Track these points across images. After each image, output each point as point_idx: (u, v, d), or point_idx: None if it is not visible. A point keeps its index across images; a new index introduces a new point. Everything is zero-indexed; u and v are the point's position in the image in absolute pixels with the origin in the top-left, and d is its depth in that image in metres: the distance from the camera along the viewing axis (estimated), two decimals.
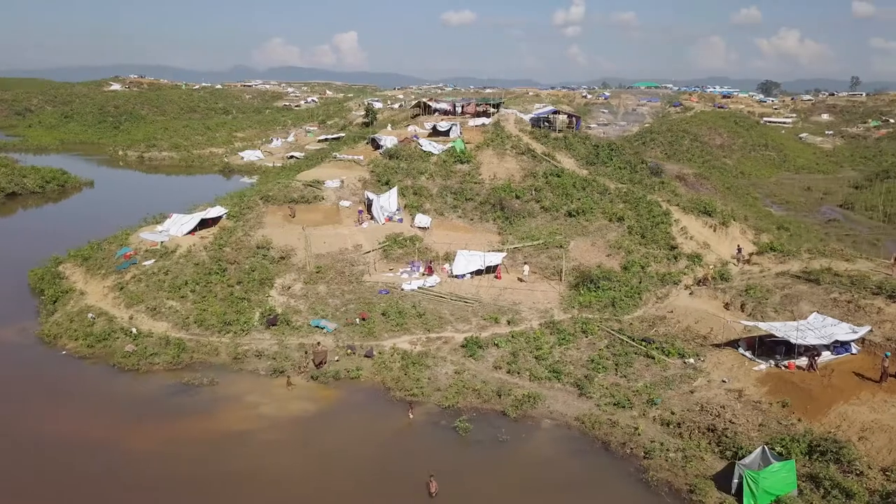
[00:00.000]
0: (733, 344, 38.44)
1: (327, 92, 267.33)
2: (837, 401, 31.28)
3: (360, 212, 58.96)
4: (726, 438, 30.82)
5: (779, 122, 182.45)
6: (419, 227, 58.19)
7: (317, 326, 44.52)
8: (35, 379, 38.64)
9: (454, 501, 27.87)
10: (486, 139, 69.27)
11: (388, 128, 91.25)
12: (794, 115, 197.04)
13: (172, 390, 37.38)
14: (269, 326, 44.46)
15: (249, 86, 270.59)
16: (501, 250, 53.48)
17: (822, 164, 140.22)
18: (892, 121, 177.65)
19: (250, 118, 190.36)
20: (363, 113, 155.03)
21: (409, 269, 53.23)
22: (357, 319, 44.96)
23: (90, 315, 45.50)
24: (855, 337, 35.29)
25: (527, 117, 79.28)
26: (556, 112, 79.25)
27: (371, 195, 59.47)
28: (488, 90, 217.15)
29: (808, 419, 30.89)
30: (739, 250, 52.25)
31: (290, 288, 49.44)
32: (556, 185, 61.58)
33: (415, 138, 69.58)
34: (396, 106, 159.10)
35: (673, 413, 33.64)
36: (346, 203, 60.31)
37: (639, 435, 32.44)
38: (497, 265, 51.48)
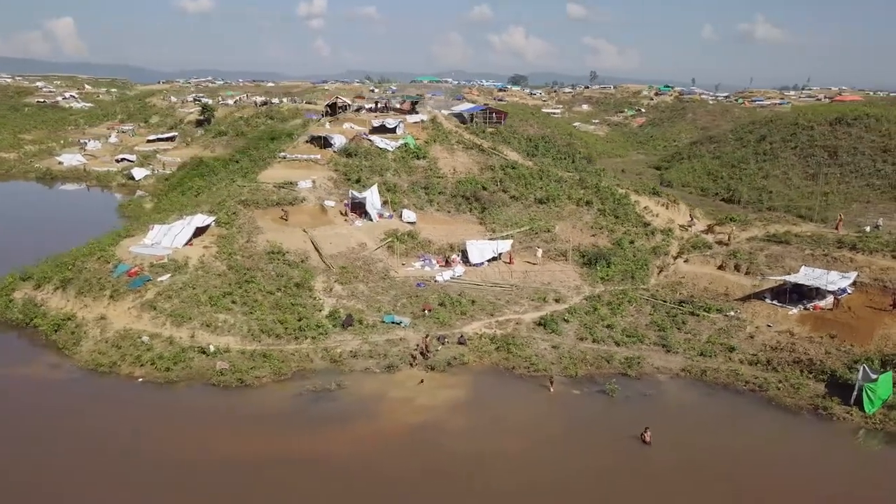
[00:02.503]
0: (759, 296, 47.33)
1: (86, 87, 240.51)
2: (874, 327, 41.17)
3: (348, 210, 59.27)
4: (813, 366, 39.12)
5: (552, 113, 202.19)
6: (407, 222, 60.14)
7: (392, 322, 45.54)
8: (149, 409, 35.47)
9: (663, 445, 32.40)
10: (431, 135, 72.46)
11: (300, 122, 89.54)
12: (561, 106, 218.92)
13: (308, 399, 36.74)
14: (345, 327, 44.51)
15: None
16: (507, 237, 57.76)
17: (612, 149, 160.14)
18: (643, 110, 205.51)
19: (34, 118, 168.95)
20: (194, 111, 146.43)
21: (421, 262, 55.34)
22: (425, 312, 46.71)
23: (143, 338, 41.76)
24: (849, 281, 45.83)
25: (446, 112, 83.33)
26: (484, 109, 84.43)
27: (356, 194, 59.99)
28: (270, 84, 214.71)
29: (859, 344, 40.31)
30: (692, 219, 62.45)
31: (332, 289, 49.25)
32: (515, 177, 67.08)
33: (365, 136, 70.41)
34: (231, 102, 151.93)
35: (754, 355, 41.36)
36: (330, 203, 60.12)
37: (741, 374, 39.59)
38: (507, 251, 55.76)
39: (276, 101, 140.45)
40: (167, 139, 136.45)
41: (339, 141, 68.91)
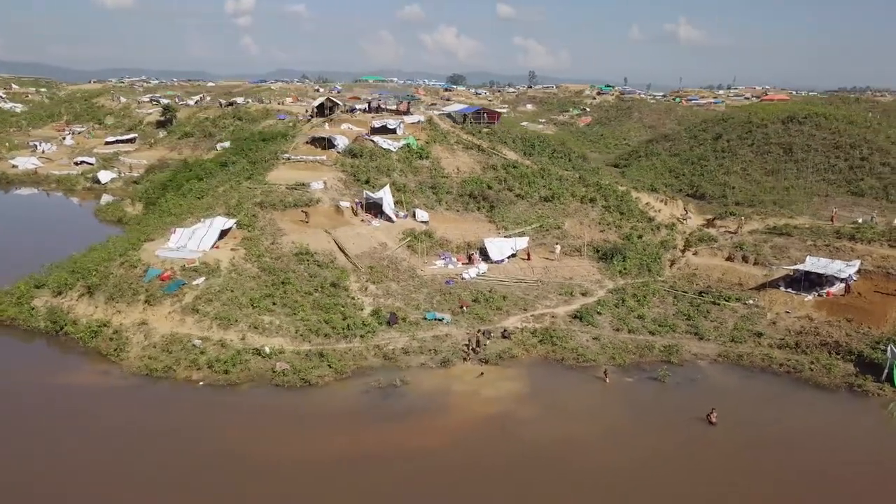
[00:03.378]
0: (772, 285, 50.47)
1: (13, 86, 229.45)
2: (886, 310, 44.70)
3: (358, 209, 59.78)
4: (840, 348, 42.25)
5: (500, 112, 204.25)
6: (421, 222, 61.11)
7: (433, 319, 46.55)
8: (223, 411, 35.65)
9: (727, 424, 34.58)
10: (430, 136, 73.51)
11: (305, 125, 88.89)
12: (506, 105, 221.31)
13: (378, 395, 37.42)
14: (390, 325, 45.28)
15: None
16: (522, 234, 59.43)
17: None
18: (587, 109, 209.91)
19: None
20: (153, 111, 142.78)
21: (442, 260, 56.45)
22: (463, 308, 47.90)
23: (195, 342, 41.57)
24: (855, 268, 49.41)
25: (437, 113, 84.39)
26: (478, 111, 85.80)
27: (371, 194, 60.57)
28: (210, 83, 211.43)
29: (875, 326, 43.72)
30: (686, 212, 65.71)
31: (367, 289, 49.87)
32: (518, 176, 68.88)
33: (367, 137, 70.87)
34: (192, 102, 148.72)
35: (781, 339, 44.28)
36: (345, 204, 60.49)
37: (774, 358, 42.41)
38: (525, 248, 57.47)
39: (240, 101, 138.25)
40: (127, 141, 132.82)
41: (342, 142, 69.17)
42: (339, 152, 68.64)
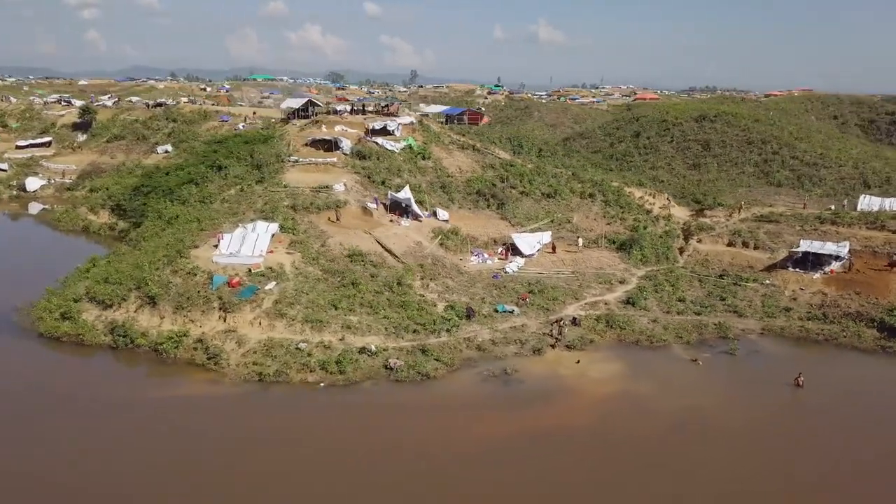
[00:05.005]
0: (781, 265, 56.93)
1: None
2: (887, 283, 52.08)
3: (377, 209, 61.09)
4: (861, 317, 48.95)
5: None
6: (442, 220, 63.20)
7: (504, 311, 49.08)
8: (361, 409, 36.74)
9: (810, 387, 39.76)
10: (425, 137, 75.40)
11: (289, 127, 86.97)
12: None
13: (499, 383, 39.60)
14: (469, 319, 47.35)
15: None
16: (539, 230, 62.96)
17: None
18: (483, 109, 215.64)
19: None
20: (66, 113, 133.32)
21: (476, 256, 58.95)
22: (525, 300, 50.74)
23: (301, 345, 41.84)
24: (846, 249, 56.85)
25: (419, 115, 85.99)
26: (463, 112, 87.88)
27: (395, 195, 61.89)
28: (83, 81, 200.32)
29: (881, 297, 50.91)
30: (669, 200, 72.08)
31: (428, 286, 51.53)
32: (517, 174, 72.39)
33: (369, 138, 71.58)
34: (111, 103, 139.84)
35: (808, 312, 50.54)
36: (372, 205, 61.45)
37: (809, 329, 48.52)
38: (550, 241, 61.10)
39: (170, 102, 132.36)
40: (42, 144, 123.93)
41: (346, 144, 69.60)
42: (345, 154, 69.07)
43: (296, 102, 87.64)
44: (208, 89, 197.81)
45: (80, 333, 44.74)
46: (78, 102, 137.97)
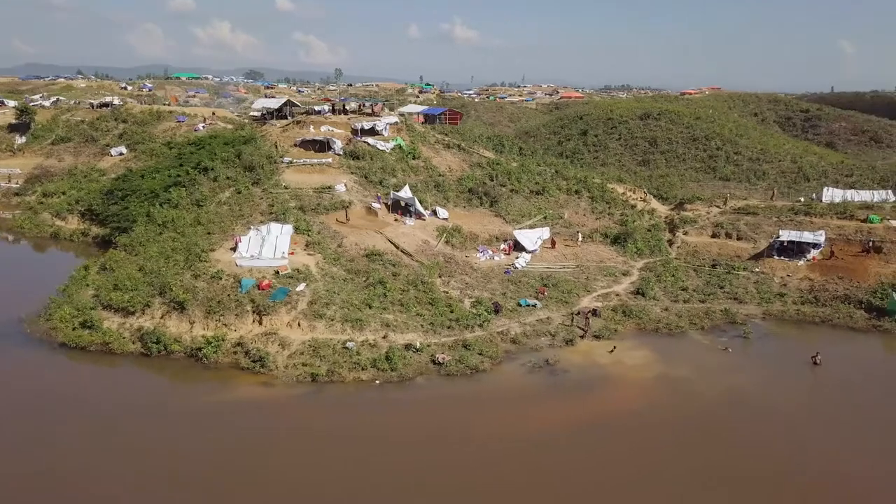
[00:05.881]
0: (767, 253, 60.90)
1: None
2: (865, 268, 56.67)
3: (386, 210, 61.68)
4: (849, 299, 53.18)
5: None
6: (442, 219, 64.30)
7: (527, 305, 50.71)
8: (425, 404, 37.67)
9: (826, 364, 43.17)
10: (411, 137, 76.10)
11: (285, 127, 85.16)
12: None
13: (546, 373, 41.31)
14: (497, 313, 48.72)
15: None
16: (536, 225, 64.96)
17: None
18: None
19: None
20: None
21: (482, 253, 60.35)
22: (543, 294, 52.52)
23: (349, 344, 42.17)
24: (822, 237, 61.40)
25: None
26: (444, 111, 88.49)
27: (398, 194, 62.51)
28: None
29: (862, 280, 55.44)
30: (645, 194, 75.58)
31: (448, 283, 52.57)
32: (504, 173, 74.18)
33: (359, 138, 71.60)
34: (48, 103, 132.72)
35: (800, 297, 54.49)
36: (377, 205, 61.85)
37: (805, 312, 52.37)
38: (549, 237, 63.18)
39: (117, 101, 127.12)
40: None
41: (338, 144, 69.53)
42: (338, 154, 69.01)
43: (274, 103, 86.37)
44: (129, 87, 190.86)
45: (108, 342, 43.58)
46: (11, 102, 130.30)
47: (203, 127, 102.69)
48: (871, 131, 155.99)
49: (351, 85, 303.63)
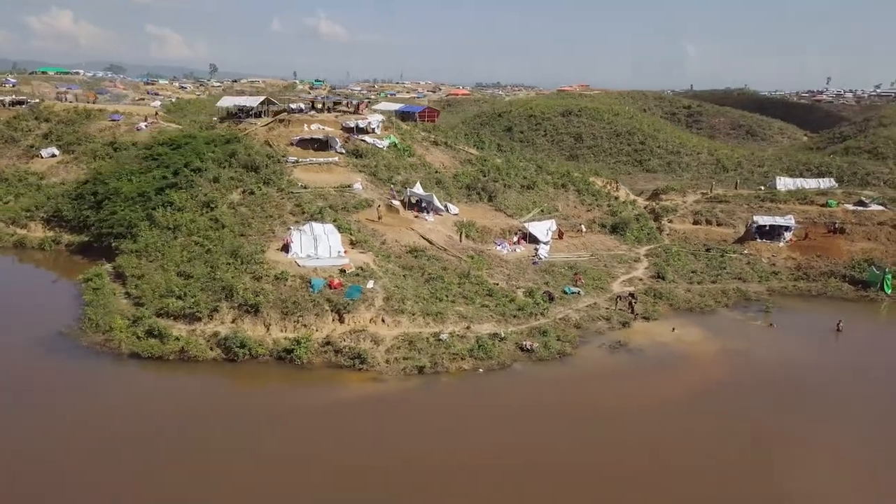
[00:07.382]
0: (750, 237, 67.50)
1: None
2: (838, 246, 64.39)
3: (389, 205, 62.73)
4: (834, 274, 60.40)
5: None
6: (454, 214, 66.10)
7: (571, 293, 53.73)
8: (535, 386, 39.92)
9: (846, 332, 49.37)
10: (402, 135, 76.98)
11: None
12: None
13: (625, 354, 44.37)
14: (550, 301, 51.38)
15: None
16: (534, 218, 68.17)
17: None
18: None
19: None
20: None
21: (499, 246, 62.80)
22: (580, 282, 55.76)
23: (443, 336, 43.30)
24: (793, 221, 68.84)
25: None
26: (423, 110, 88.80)
27: (414, 191, 63.60)
28: None
29: (837, 257, 63.03)
30: (617, 185, 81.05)
31: (492, 275, 54.57)
32: (493, 168, 76.87)
33: (355, 136, 71.51)
34: None
35: (792, 275, 61.21)
36: (396, 203, 62.57)
37: (802, 287, 59.02)
38: (557, 229, 66.62)
39: (34, 99, 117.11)
40: None
41: (338, 143, 69.31)
42: (339, 153, 68.81)
43: (252, 101, 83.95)
44: (7, 83, 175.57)
45: (186, 349, 42.11)
46: None
47: (146, 126, 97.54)
48: (747, 125, 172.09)
49: (236, 81, 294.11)
